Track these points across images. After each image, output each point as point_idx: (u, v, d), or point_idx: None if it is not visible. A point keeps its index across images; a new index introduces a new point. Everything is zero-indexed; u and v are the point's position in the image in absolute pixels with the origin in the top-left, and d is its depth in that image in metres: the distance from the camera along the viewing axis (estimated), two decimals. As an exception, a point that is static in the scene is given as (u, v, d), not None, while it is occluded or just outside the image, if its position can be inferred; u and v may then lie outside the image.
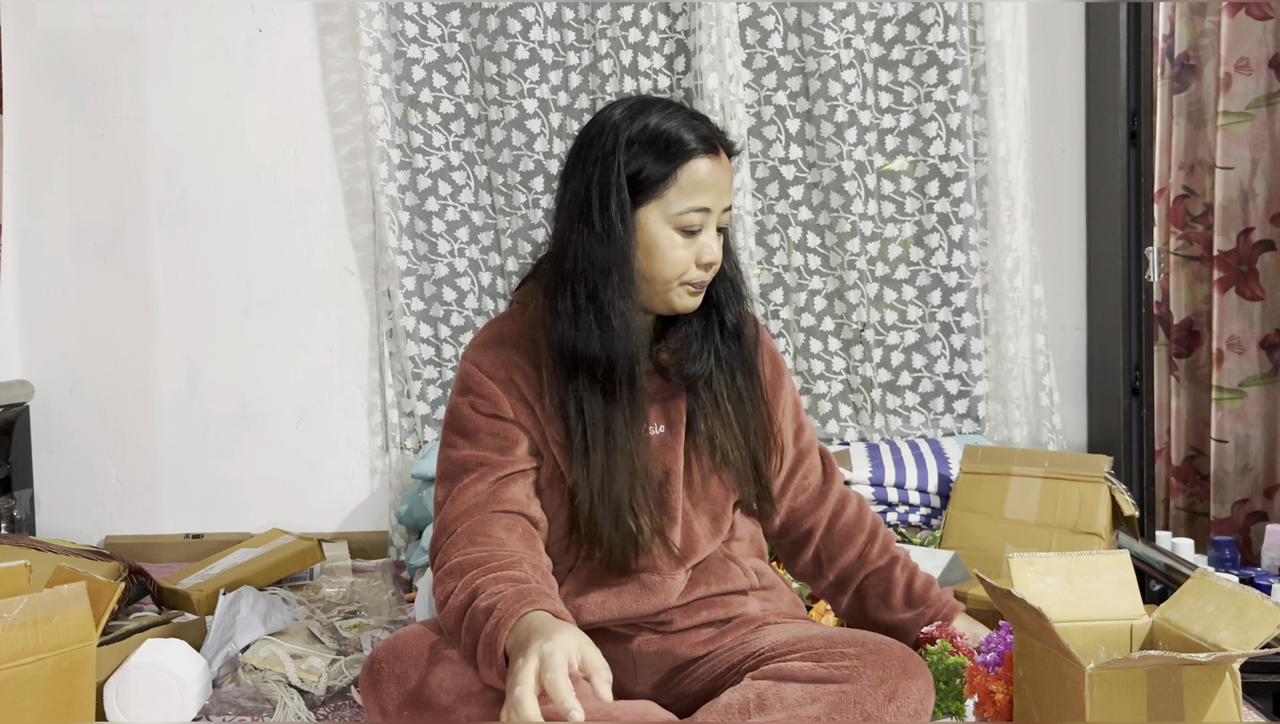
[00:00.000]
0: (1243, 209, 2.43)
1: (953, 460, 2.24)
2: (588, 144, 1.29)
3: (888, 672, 1.19)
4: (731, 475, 1.34)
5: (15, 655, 1.27)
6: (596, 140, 1.28)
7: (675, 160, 1.28)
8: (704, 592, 1.33)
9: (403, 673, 1.20)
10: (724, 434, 1.34)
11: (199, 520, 2.56)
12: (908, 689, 1.18)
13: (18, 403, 2.48)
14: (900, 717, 1.17)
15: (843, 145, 2.40)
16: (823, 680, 1.18)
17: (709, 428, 1.34)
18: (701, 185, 1.27)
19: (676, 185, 1.27)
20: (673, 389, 1.34)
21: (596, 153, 1.28)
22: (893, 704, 1.17)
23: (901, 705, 1.17)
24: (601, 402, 1.28)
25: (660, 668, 1.34)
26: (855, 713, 1.16)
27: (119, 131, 2.52)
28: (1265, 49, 2.39)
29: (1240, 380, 2.44)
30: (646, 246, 1.28)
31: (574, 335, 1.27)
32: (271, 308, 2.54)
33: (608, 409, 1.28)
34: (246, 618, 1.70)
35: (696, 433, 1.34)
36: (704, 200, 1.27)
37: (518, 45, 2.40)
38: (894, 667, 1.19)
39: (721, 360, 1.35)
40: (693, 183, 1.27)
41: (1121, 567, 1.32)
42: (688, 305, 1.31)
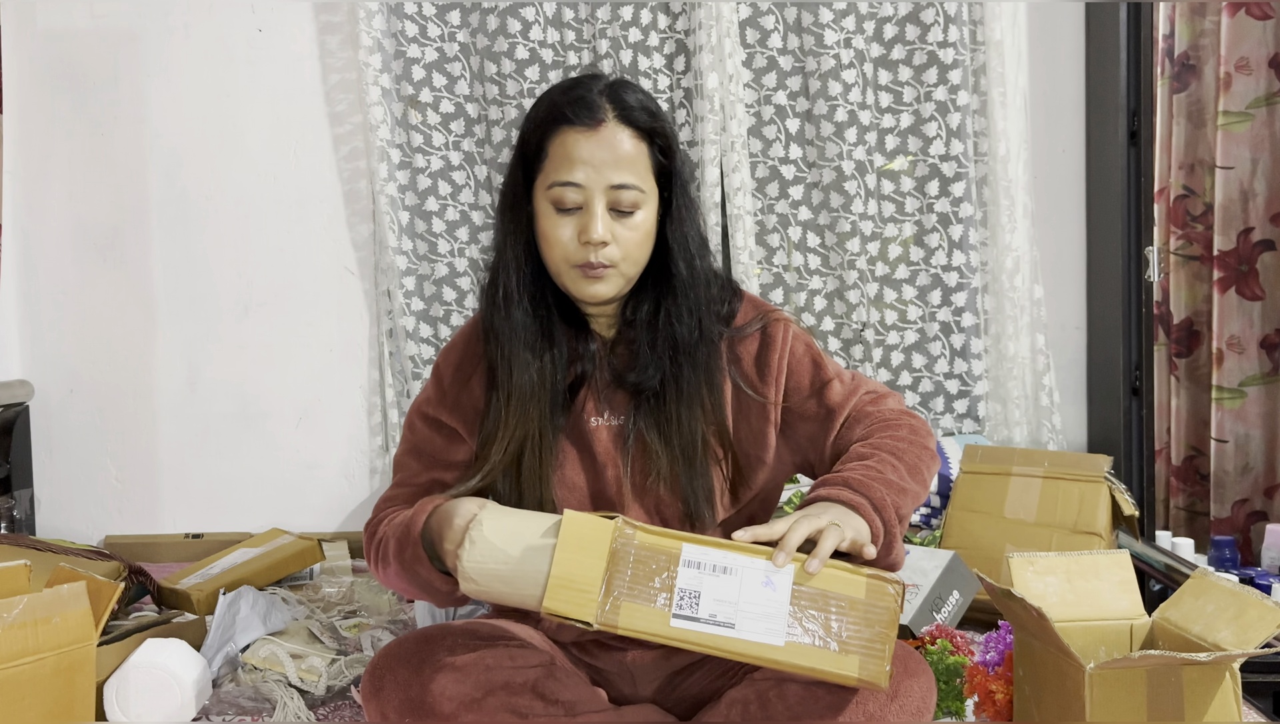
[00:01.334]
0: (1243, 209, 2.43)
1: (953, 460, 2.24)
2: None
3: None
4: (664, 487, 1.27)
5: (15, 655, 1.27)
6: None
7: (546, 131, 1.23)
8: None
9: (405, 680, 1.19)
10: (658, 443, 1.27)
11: (199, 520, 2.56)
12: (910, 688, 1.18)
13: (18, 403, 2.48)
14: (903, 716, 1.16)
15: (843, 145, 2.40)
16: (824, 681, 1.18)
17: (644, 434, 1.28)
18: (570, 159, 1.21)
19: (549, 157, 1.23)
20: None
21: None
22: (895, 703, 1.16)
23: (904, 704, 1.17)
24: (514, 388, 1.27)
25: (658, 675, 1.34)
26: (857, 713, 1.15)
27: (119, 131, 2.52)
28: (1265, 49, 2.39)
29: (1240, 380, 2.44)
30: (539, 232, 1.26)
31: (490, 320, 1.28)
32: (271, 308, 2.54)
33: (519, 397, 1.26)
34: (246, 618, 1.70)
35: (630, 435, 1.28)
36: (572, 174, 1.20)
37: (518, 45, 2.40)
38: (895, 665, 1.19)
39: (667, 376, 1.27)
40: (562, 156, 1.22)
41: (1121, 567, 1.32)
42: (586, 292, 1.24)
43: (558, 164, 1.22)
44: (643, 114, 1.23)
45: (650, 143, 1.24)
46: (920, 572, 1.78)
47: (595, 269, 1.22)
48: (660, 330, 1.27)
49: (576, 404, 1.30)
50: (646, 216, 1.24)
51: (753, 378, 1.31)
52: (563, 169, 1.21)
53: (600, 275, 1.23)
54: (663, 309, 1.27)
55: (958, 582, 1.77)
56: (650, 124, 1.24)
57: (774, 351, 1.31)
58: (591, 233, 1.20)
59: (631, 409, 1.29)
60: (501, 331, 1.27)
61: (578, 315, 1.32)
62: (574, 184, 1.21)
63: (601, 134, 1.21)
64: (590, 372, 1.31)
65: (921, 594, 1.72)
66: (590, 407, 1.30)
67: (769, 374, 1.31)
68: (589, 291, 1.24)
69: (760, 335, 1.33)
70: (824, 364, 1.33)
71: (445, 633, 1.26)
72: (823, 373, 1.32)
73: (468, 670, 1.20)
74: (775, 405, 1.31)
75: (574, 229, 1.22)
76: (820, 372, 1.32)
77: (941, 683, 1.43)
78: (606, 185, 1.21)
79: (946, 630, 1.51)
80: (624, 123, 1.22)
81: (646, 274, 1.29)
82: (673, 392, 1.27)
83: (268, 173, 2.52)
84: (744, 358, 1.32)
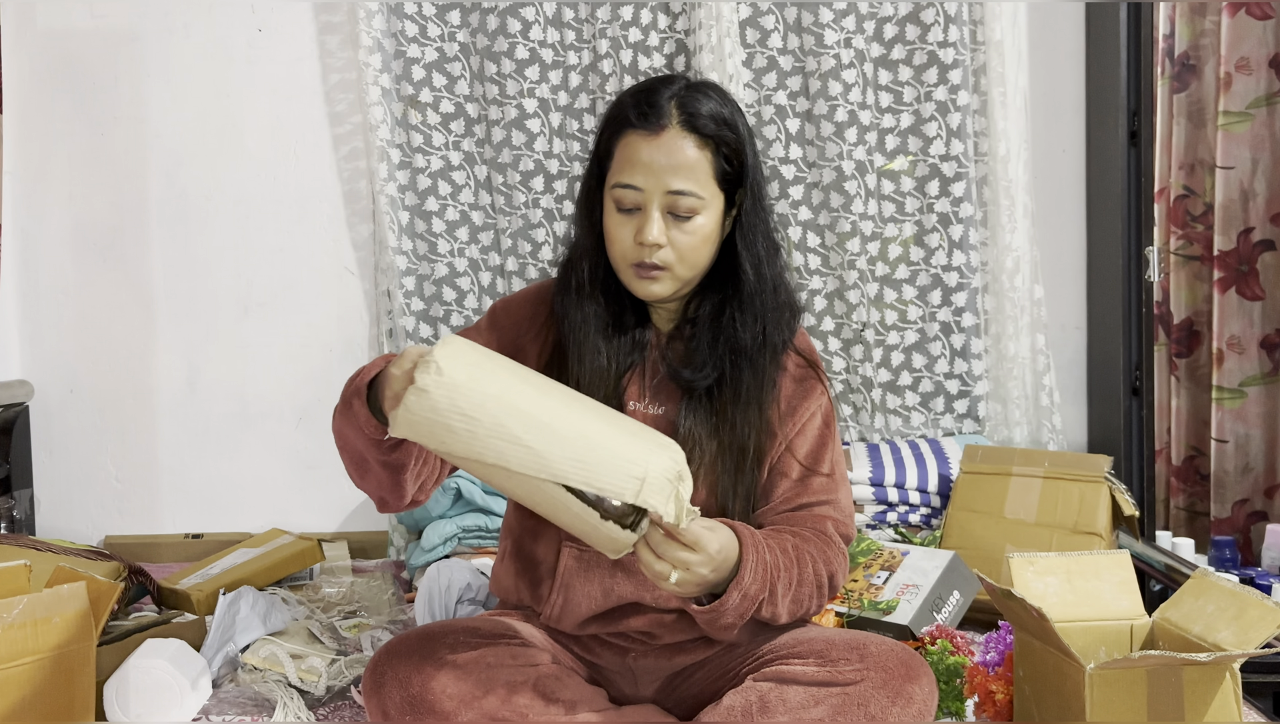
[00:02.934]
0: (1243, 209, 2.43)
1: (953, 460, 2.24)
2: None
3: (891, 673, 1.18)
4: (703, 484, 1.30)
5: (15, 655, 1.27)
6: None
7: (614, 132, 1.28)
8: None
9: (405, 677, 1.20)
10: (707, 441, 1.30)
11: (199, 520, 2.56)
12: (911, 691, 1.18)
13: (18, 403, 2.48)
14: (905, 718, 1.17)
15: (843, 145, 2.40)
16: (825, 683, 1.18)
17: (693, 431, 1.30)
18: (631, 161, 1.24)
19: (614, 158, 1.27)
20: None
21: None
22: (896, 706, 1.16)
23: (906, 707, 1.17)
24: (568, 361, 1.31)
25: (659, 676, 1.34)
26: (859, 715, 1.16)
27: (119, 131, 2.52)
28: (1265, 49, 2.39)
29: (1240, 380, 2.44)
30: (604, 222, 1.30)
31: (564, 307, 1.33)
32: (271, 308, 2.54)
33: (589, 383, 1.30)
34: (246, 618, 1.70)
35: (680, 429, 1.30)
36: (632, 177, 1.24)
37: (518, 45, 2.40)
38: (897, 668, 1.19)
39: (725, 377, 1.31)
40: (625, 158, 1.26)
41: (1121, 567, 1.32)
42: (641, 290, 1.28)
43: (620, 165, 1.26)
44: (709, 122, 1.25)
45: (715, 150, 1.26)
46: (920, 572, 1.78)
47: (648, 270, 1.26)
48: (723, 331, 1.30)
49: (621, 387, 1.33)
50: (706, 222, 1.26)
51: (780, 410, 1.34)
52: (624, 171, 1.25)
53: (654, 276, 1.26)
54: (727, 311, 1.31)
55: (958, 582, 1.77)
56: (716, 131, 1.25)
57: (806, 402, 1.36)
58: (646, 235, 1.24)
59: (682, 404, 1.31)
60: (574, 319, 1.32)
61: (640, 305, 1.35)
62: (633, 186, 1.24)
63: (663, 139, 1.24)
64: (639, 359, 1.34)
65: (922, 594, 1.72)
66: (633, 391, 1.33)
67: (792, 419, 1.35)
68: (642, 290, 1.28)
69: (803, 381, 1.37)
70: (829, 446, 1.37)
71: (447, 630, 1.27)
72: (823, 452, 1.36)
73: (469, 668, 1.20)
74: (780, 445, 1.34)
75: (632, 229, 1.26)
76: (822, 452, 1.36)
77: (941, 683, 1.43)
78: (664, 190, 1.24)
79: (947, 631, 1.51)
80: (687, 129, 1.24)
81: (713, 276, 1.32)
82: (729, 393, 1.30)
83: (268, 173, 2.52)
84: (782, 387, 1.35)
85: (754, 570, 1.16)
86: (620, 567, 1.31)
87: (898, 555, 1.85)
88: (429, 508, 2.21)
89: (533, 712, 1.19)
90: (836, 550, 1.30)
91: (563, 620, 1.33)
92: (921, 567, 1.79)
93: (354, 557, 2.43)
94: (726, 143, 1.26)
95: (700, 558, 1.10)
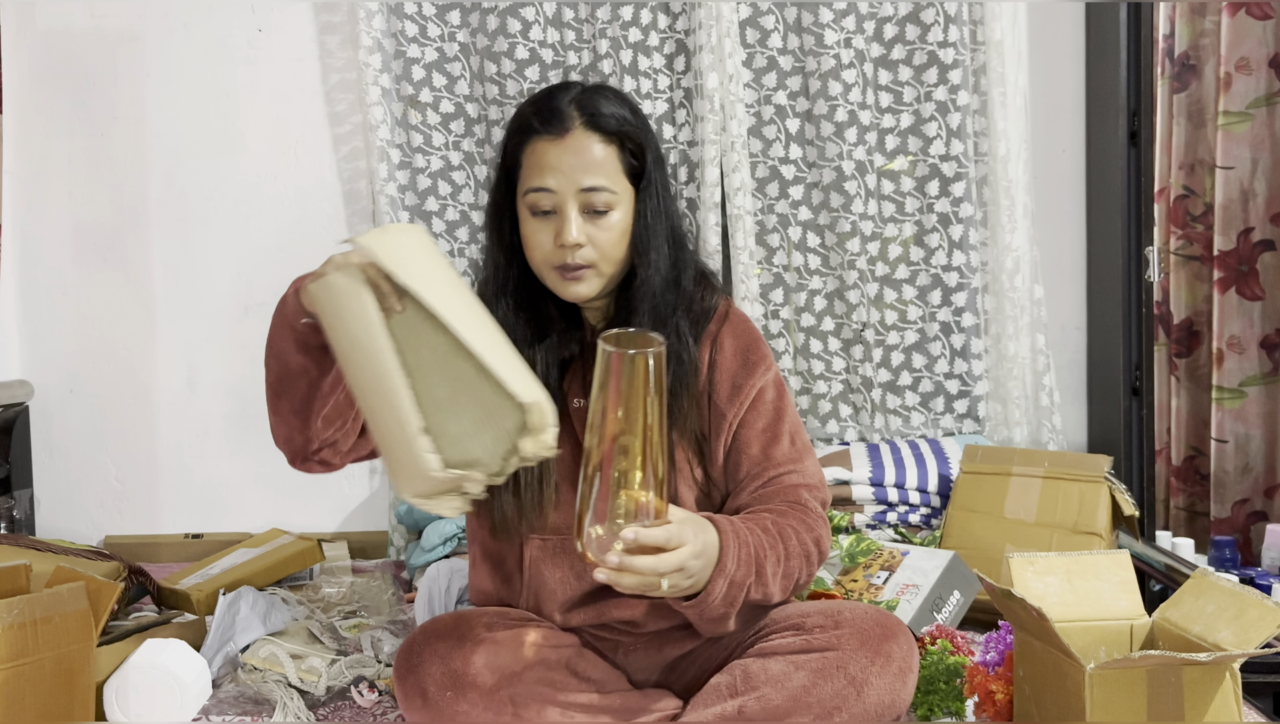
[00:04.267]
0: (1243, 209, 2.43)
1: (953, 460, 2.24)
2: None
3: (868, 634, 1.20)
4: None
5: (15, 655, 1.27)
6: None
7: (519, 142, 1.29)
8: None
9: (445, 652, 1.22)
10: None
11: (199, 520, 2.56)
12: (889, 650, 1.20)
13: (17, 403, 2.48)
14: (885, 677, 1.19)
15: (843, 145, 2.40)
16: (804, 650, 1.20)
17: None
18: (540, 166, 1.26)
19: (523, 166, 1.29)
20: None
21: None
22: (876, 665, 1.19)
23: (886, 666, 1.19)
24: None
25: (652, 670, 1.36)
26: (840, 678, 1.18)
27: (119, 131, 2.52)
28: (1265, 49, 2.39)
29: (1240, 380, 2.44)
30: (521, 232, 1.31)
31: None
32: (271, 308, 2.53)
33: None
34: (246, 618, 1.70)
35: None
36: (544, 180, 1.25)
37: (518, 45, 2.40)
38: (873, 629, 1.21)
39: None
40: (534, 164, 1.27)
41: (1121, 567, 1.32)
42: (568, 293, 1.28)
43: (530, 171, 1.27)
44: (611, 120, 1.27)
45: (620, 146, 1.28)
46: (920, 572, 1.78)
47: (572, 271, 1.27)
48: (644, 322, 1.31)
49: (563, 386, 1.34)
50: (621, 217, 1.28)
51: (724, 391, 1.34)
52: (535, 176, 1.26)
53: (579, 276, 1.27)
54: (645, 302, 1.31)
55: (958, 582, 1.77)
56: (619, 128, 1.27)
57: (751, 378, 1.34)
58: (565, 236, 1.25)
59: None
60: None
61: (570, 308, 1.36)
62: (545, 189, 1.26)
63: (568, 141, 1.26)
64: (577, 355, 1.34)
65: (922, 594, 1.72)
66: (575, 389, 1.34)
67: (738, 397, 1.34)
68: (569, 292, 1.28)
69: (744, 358, 1.35)
70: (784, 416, 1.35)
71: (480, 613, 1.30)
72: (779, 426, 1.34)
73: (507, 644, 1.24)
74: (730, 425, 1.34)
75: (549, 233, 1.26)
76: (778, 423, 1.34)
77: (941, 683, 1.43)
78: (577, 188, 1.25)
79: (947, 631, 1.51)
80: (591, 128, 1.26)
81: (633, 270, 1.32)
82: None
83: (268, 173, 2.52)
84: (721, 367, 1.35)
85: (736, 555, 1.16)
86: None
87: (898, 555, 1.85)
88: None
89: (567, 688, 1.22)
90: (816, 516, 1.30)
91: (541, 609, 1.34)
92: (921, 567, 1.79)
93: (354, 557, 2.43)
94: (630, 137, 1.29)
95: (685, 552, 1.08)
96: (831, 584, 1.86)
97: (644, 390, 1.02)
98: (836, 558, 1.94)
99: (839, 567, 1.92)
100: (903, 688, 1.21)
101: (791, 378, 2.51)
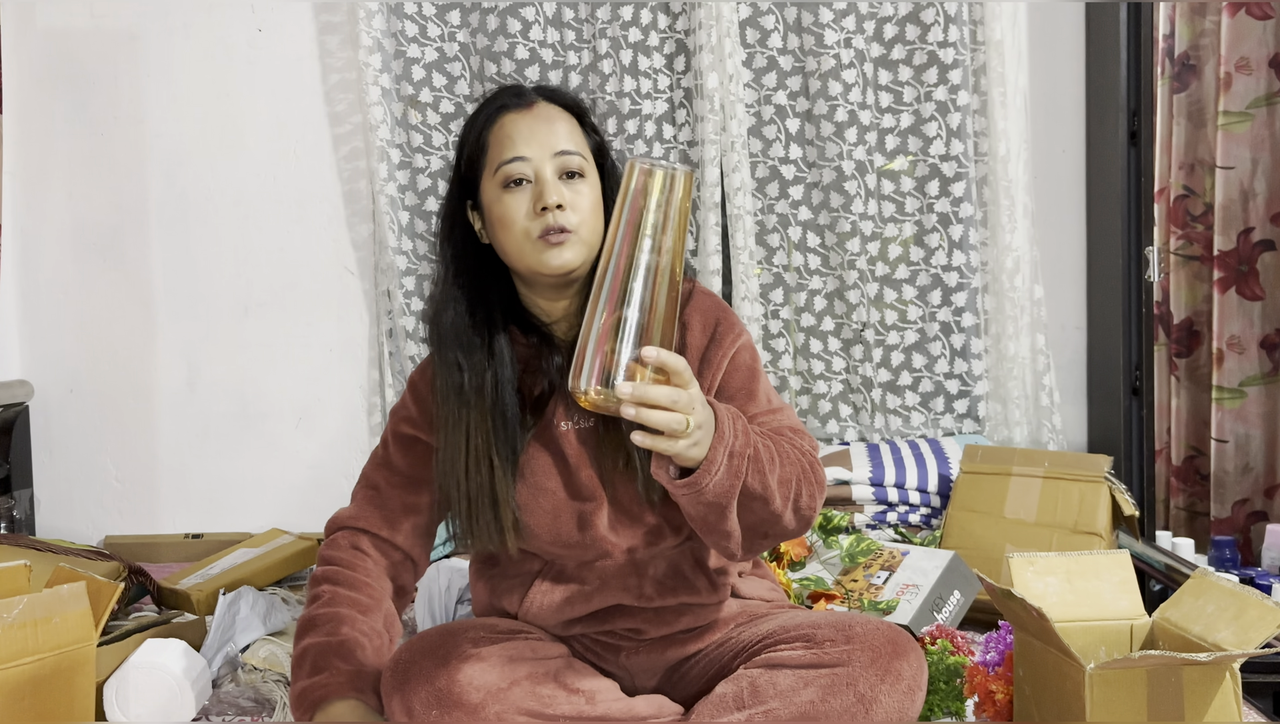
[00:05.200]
0: (1243, 209, 2.43)
1: (953, 460, 2.24)
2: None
3: (878, 652, 1.18)
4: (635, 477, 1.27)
5: (15, 655, 1.27)
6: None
7: (485, 125, 1.30)
8: (673, 601, 1.32)
9: (431, 670, 1.20)
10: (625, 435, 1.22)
11: (199, 520, 2.56)
12: (899, 668, 1.18)
13: (17, 403, 2.48)
14: (895, 695, 1.17)
15: (843, 145, 2.40)
16: (813, 665, 1.19)
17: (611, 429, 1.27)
18: (510, 137, 1.27)
19: (491, 146, 1.29)
20: None
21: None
22: (885, 683, 1.17)
23: (895, 684, 1.17)
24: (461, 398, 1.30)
25: (654, 672, 1.35)
26: (849, 694, 1.16)
27: (119, 131, 2.52)
28: (1265, 49, 2.39)
29: (1240, 380, 2.44)
30: (493, 223, 1.29)
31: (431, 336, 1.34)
32: (271, 308, 2.54)
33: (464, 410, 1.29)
34: (246, 618, 1.70)
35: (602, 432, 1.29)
36: (517, 150, 1.26)
37: (518, 45, 2.40)
38: (884, 646, 1.19)
39: None
40: (503, 137, 1.28)
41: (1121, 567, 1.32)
42: (552, 263, 1.25)
43: (500, 147, 1.28)
44: (567, 95, 1.33)
45: (582, 121, 1.32)
46: (921, 572, 1.78)
47: (556, 234, 1.24)
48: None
49: (547, 414, 1.31)
50: (592, 188, 1.29)
51: (695, 368, 1.31)
52: (506, 148, 1.27)
53: (562, 240, 1.25)
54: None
55: (958, 582, 1.77)
56: (576, 102, 1.33)
57: (719, 350, 1.32)
58: (547, 197, 1.24)
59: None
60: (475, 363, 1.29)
61: (538, 330, 1.33)
62: (520, 157, 1.26)
63: (536, 110, 1.29)
64: (557, 382, 1.31)
65: (922, 594, 1.72)
66: (560, 412, 1.32)
67: (709, 368, 1.32)
68: (555, 261, 1.25)
69: (713, 332, 1.33)
70: (757, 379, 1.34)
71: (467, 627, 1.28)
72: (754, 384, 1.33)
73: (493, 661, 1.21)
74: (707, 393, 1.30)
75: (528, 201, 1.26)
76: (752, 383, 1.32)
77: (941, 683, 1.43)
78: (552, 151, 1.26)
79: (947, 630, 1.51)
80: (553, 102, 1.31)
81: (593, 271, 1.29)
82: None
83: (268, 173, 2.52)
84: (691, 346, 1.33)
85: (732, 427, 1.10)
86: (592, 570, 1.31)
87: (898, 555, 1.85)
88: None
89: (556, 701, 1.20)
90: (806, 441, 1.26)
91: (542, 617, 1.33)
92: (921, 567, 1.79)
93: (354, 557, 2.43)
94: (588, 113, 1.33)
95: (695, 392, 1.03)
96: (831, 584, 1.86)
97: (681, 211, 1.01)
98: (836, 558, 1.94)
99: (839, 566, 1.92)
100: (911, 707, 1.19)
101: (791, 378, 2.51)
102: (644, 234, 1.00)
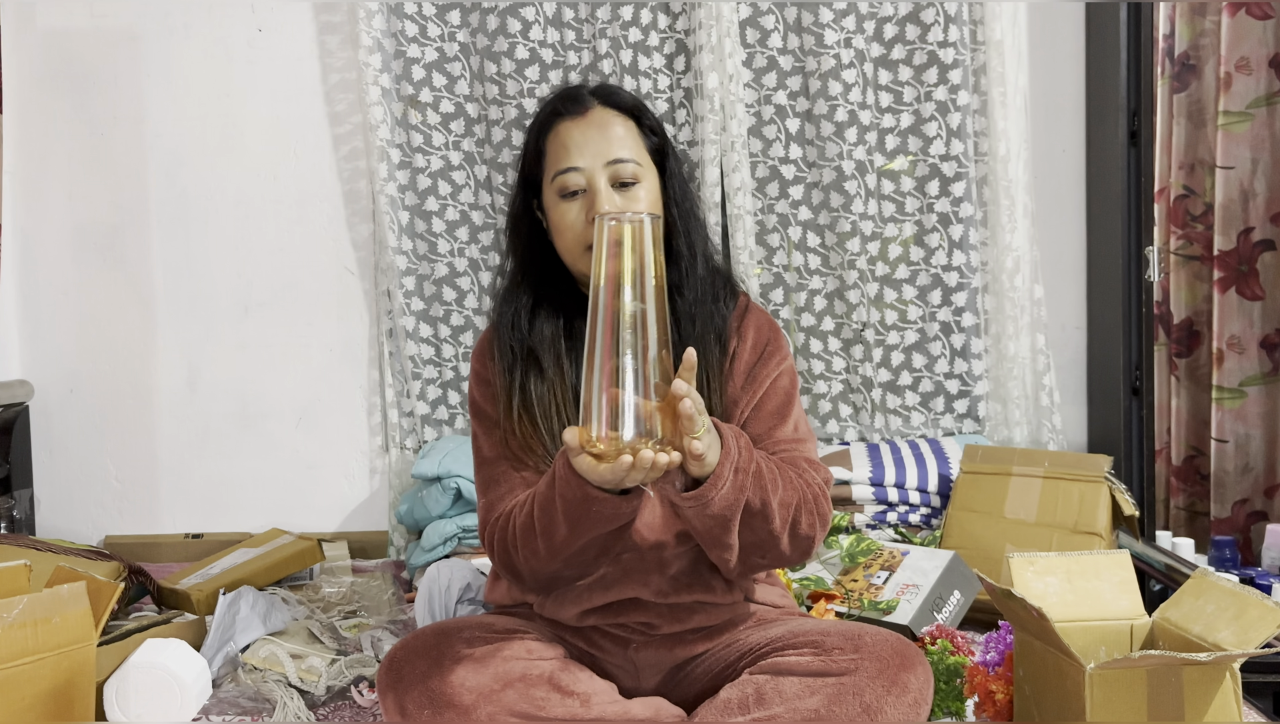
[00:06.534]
0: (1243, 209, 2.43)
1: (953, 460, 2.24)
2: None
3: (886, 663, 1.18)
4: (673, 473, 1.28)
5: (15, 655, 1.27)
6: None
7: (541, 132, 1.33)
8: (688, 598, 1.32)
9: (424, 672, 1.20)
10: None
11: (199, 520, 2.56)
12: (906, 680, 1.18)
13: (17, 403, 2.48)
14: (900, 707, 1.17)
15: (843, 145, 2.40)
16: (820, 673, 1.18)
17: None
18: (566, 146, 1.29)
19: (548, 155, 1.32)
20: None
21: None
22: (891, 695, 1.17)
23: (901, 696, 1.17)
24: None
25: (660, 669, 1.35)
26: (855, 704, 1.16)
27: (119, 131, 2.52)
28: (1265, 49, 2.39)
29: (1240, 380, 2.44)
30: (552, 227, 1.33)
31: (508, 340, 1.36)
32: (271, 308, 2.54)
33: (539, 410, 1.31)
34: (246, 618, 1.70)
35: None
36: (570, 160, 1.28)
37: (518, 45, 2.40)
38: (891, 658, 1.19)
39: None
40: (559, 146, 1.30)
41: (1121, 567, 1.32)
42: None
43: (556, 155, 1.30)
44: (626, 97, 1.33)
45: (639, 123, 1.32)
46: (921, 572, 1.78)
47: None
48: (690, 313, 1.32)
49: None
50: (649, 192, 1.30)
51: (740, 380, 1.35)
52: (561, 158, 1.29)
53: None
54: (682, 290, 1.33)
55: (958, 582, 1.77)
56: (634, 104, 1.33)
57: (765, 369, 1.36)
58: (600, 205, 1.26)
59: None
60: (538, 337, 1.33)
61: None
62: (574, 168, 1.28)
63: (590, 117, 1.30)
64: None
65: (922, 594, 1.72)
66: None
67: (753, 384, 1.35)
68: None
69: (763, 350, 1.37)
70: (793, 405, 1.36)
71: (462, 626, 1.28)
72: (788, 409, 1.35)
73: (486, 662, 1.21)
74: (741, 412, 1.35)
75: (581, 211, 1.28)
76: (786, 408, 1.35)
77: (941, 683, 1.43)
78: (605, 161, 1.28)
79: (947, 630, 1.51)
80: (609, 105, 1.31)
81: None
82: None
83: (268, 173, 2.52)
84: (740, 357, 1.36)
85: (736, 444, 1.14)
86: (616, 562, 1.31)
87: (898, 555, 1.85)
88: (429, 508, 2.21)
89: (550, 704, 1.20)
90: (815, 477, 1.28)
91: (560, 611, 1.33)
92: (921, 567, 1.79)
93: (354, 557, 2.43)
94: (647, 114, 1.33)
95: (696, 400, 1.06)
96: (831, 584, 1.86)
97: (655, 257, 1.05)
98: (836, 558, 1.94)
99: (839, 566, 1.92)
100: (916, 719, 1.19)
101: (791, 378, 2.52)
102: (624, 283, 1.04)
